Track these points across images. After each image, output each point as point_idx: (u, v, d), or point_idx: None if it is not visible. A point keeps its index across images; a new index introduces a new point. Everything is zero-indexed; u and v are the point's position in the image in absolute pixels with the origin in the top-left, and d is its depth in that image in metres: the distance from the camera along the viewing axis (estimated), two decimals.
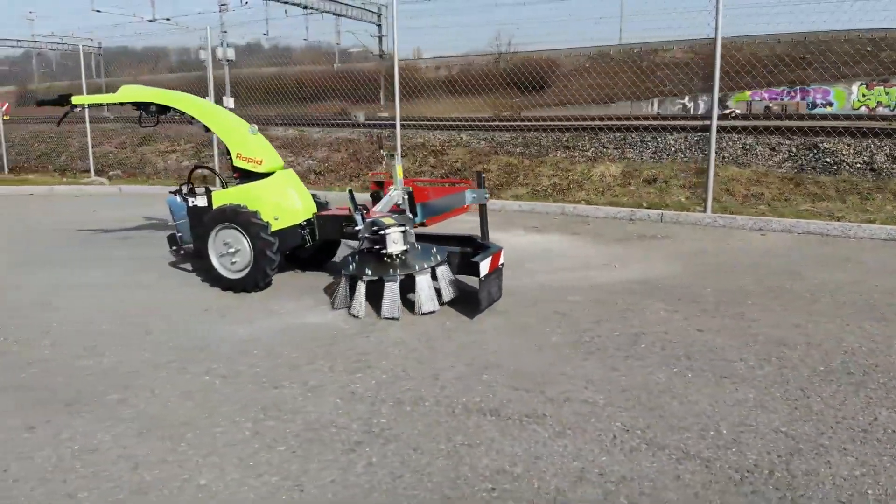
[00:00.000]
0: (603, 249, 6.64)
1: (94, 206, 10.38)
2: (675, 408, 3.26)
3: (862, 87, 34.04)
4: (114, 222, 8.76)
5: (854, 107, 33.25)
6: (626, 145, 13.50)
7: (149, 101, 5.89)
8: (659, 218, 8.05)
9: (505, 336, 4.26)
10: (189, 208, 5.67)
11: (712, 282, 5.42)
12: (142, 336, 4.43)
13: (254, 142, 5.56)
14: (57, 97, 6.27)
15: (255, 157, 5.50)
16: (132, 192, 11.75)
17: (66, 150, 18.64)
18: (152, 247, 7.17)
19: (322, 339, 4.28)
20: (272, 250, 5.17)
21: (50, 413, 3.37)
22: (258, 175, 5.51)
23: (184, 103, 5.82)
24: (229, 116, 5.74)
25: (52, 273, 6.17)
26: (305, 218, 5.47)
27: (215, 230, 5.34)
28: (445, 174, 13.53)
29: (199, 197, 5.58)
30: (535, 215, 8.84)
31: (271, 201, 5.38)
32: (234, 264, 5.31)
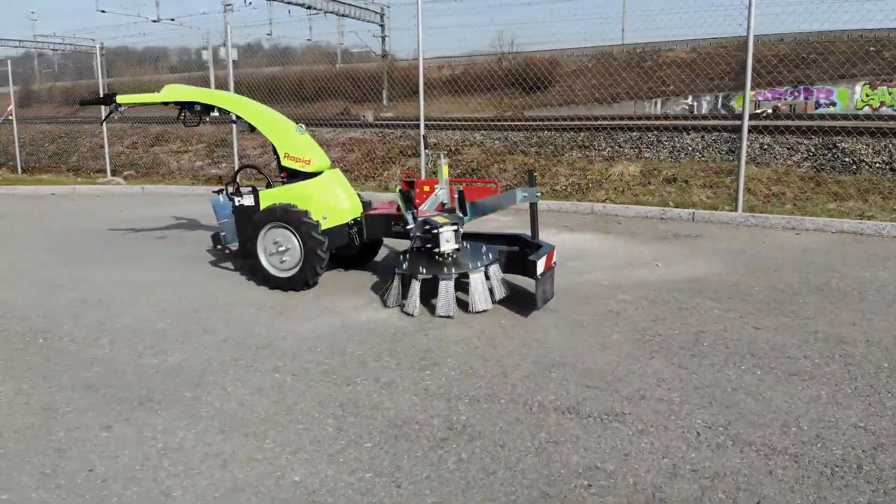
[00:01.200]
0: (642, 248, 6.66)
1: (119, 206, 10.38)
2: (751, 405, 3.29)
3: (865, 87, 34.10)
4: (143, 221, 8.76)
5: (857, 106, 33.31)
6: (643, 145, 13.53)
7: (193, 101, 5.90)
8: (690, 217, 8.08)
9: (565, 334, 4.28)
10: (235, 208, 5.68)
11: (758, 280, 5.45)
12: (200, 334, 4.44)
13: (301, 141, 5.57)
14: (102, 96, 6.27)
15: (304, 156, 5.51)
16: (155, 191, 11.75)
17: (77, 150, 18.63)
18: (189, 245, 7.18)
19: (383, 336, 4.30)
20: (322, 249, 5.19)
21: (126, 411, 3.38)
22: (306, 175, 5.52)
23: (230, 102, 5.83)
24: (277, 116, 5.75)
25: (93, 271, 6.17)
26: (353, 217, 5.49)
27: (265, 229, 5.36)
28: (462, 174, 13.56)
29: (246, 196, 5.59)
30: (564, 215, 8.87)
31: (320, 200, 5.39)
32: (284, 263, 5.32)
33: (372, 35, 40.89)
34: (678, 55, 38.81)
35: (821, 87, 33.38)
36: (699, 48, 38.16)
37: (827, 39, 33.11)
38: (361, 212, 5.56)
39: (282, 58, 38.35)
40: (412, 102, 26.93)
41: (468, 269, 4.65)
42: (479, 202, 5.15)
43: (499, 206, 5.26)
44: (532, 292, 4.80)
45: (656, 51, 40.01)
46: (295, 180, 5.55)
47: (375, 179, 14.07)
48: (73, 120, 25.58)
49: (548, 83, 35.47)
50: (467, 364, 3.83)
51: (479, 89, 29.12)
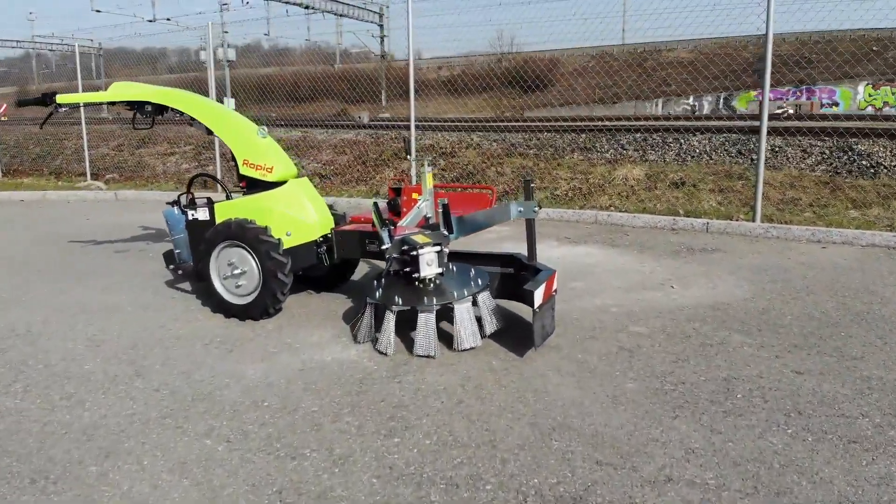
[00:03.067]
0: (653, 265, 5.87)
1: (88, 213, 9.60)
2: (807, 490, 2.50)
3: (868, 87, 33.35)
4: (108, 231, 7.98)
5: (860, 107, 32.54)
6: (648, 147, 12.73)
7: (143, 101, 5.12)
8: (704, 227, 7.28)
9: (568, 382, 3.49)
10: (188, 222, 4.90)
11: (790, 306, 4.66)
12: (132, 379, 3.65)
13: (263, 146, 4.79)
14: (40, 96, 5.48)
15: (265, 163, 4.73)
16: (128, 197, 10.95)
17: (61, 152, 17.85)
18: (149, 261, 6.39)
19: (347, 384, 3.51)
20: (284, 272, 4.40)
21: (10, 493, 2.60)
22: (268, 184, 4.74)
23: (183, 102, 5.05)
24: (235, 117, 4.97)
25: (36, 289, 5.39)
26: (322, 234, 4.71)
27: (218, 248, 4.57)
28: (457, 177, 12.77)
29: (200, 209, 4.81)
30: (565, 224, 8.07)
31: (283, 215, 4.61)
32: (240, 288, 4.54)
33: (371, 35, 40.09)
34: (679, 55, 38.06)
35: (823, 87, 32.61)
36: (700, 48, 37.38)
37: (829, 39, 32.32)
38: (332, 227, 4.77)
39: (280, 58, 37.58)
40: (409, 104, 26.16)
41: (453, 299, 3.86)
42: (467, 218, 4.36)
43: (491, 221, 4.47)
44: (529, 321, 4.02)
45: (657, 50, 39.25)
46: (255, 191, 4.77)
47: (367, 183, 13.29)
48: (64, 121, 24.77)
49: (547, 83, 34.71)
50: (447, 426, 3.04)
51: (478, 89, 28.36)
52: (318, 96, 22.97)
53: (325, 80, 25.70)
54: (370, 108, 30.86)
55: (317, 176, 13.98)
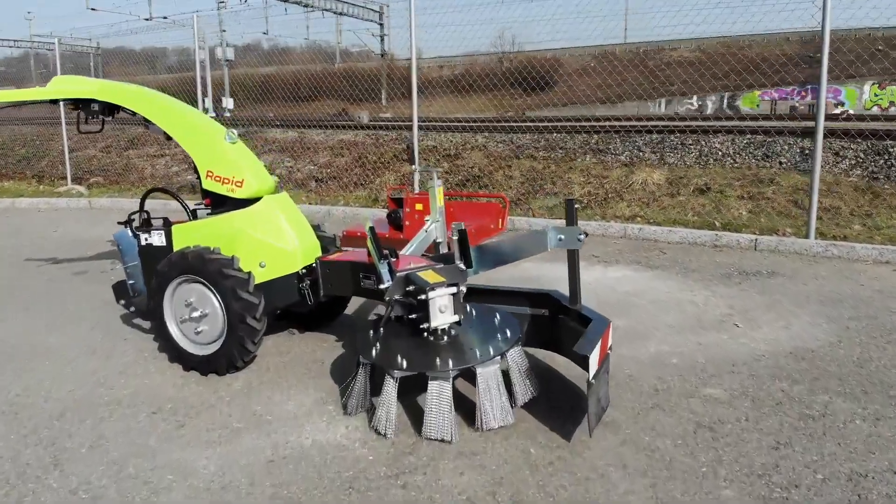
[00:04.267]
0: (704, 294, 4.84)
1: (58, 223, 8.56)
2: None
3: (874, 87, 32.37)
4: (73, 246, 6.95)
5: (866, 106, 31.58)
6: (666, 148, 11.72)
7: (88, 98, 4.10)
8: (752, 244, 6.26)
9: (639, 485, 2.47)
10: (141, 248, 3.88)
11: (890, 354, 3.64)
12: (41, 477, 2.63)
13: (231, 154, 3.77)
14: None
15: (233, 175, 3.71)
16: (104, 205, 9.89)
17: (47, 153, 16.80)
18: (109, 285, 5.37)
19: (332, 488, 2.49)
20: (255, 315, 3.39)
21: None
22: (237, 202, 3.73)
23: (133, 100, 4.03)
24: (196, 118, 3.95)
25: None
26: (305, 264, 3.69)
27: (174, 284, 3.56)
28: (462, 182, 11.74)
29: (154, 232, 3.80)
30: (590, 238, 7.02)
31: (255, 240, 3.59)
32: (201, 334, 3.52)
33: (371, 34, 39.04)
34: (682, 54, 37.07)
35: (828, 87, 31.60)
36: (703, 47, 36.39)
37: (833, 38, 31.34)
38: (318, 256, 3.75)
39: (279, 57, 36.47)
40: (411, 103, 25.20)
41: (475, 361, 2.84)
42: (490, 247, 3.35)
43: (521, 252, 3.44)
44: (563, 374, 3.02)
45: (660, 49, 38.28)
46: (221, 210, 3.76)
47: (366, 187, 12.25)
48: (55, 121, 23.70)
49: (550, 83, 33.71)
50: None
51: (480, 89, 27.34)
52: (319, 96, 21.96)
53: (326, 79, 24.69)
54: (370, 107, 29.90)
55: (312, 179, 12.98)
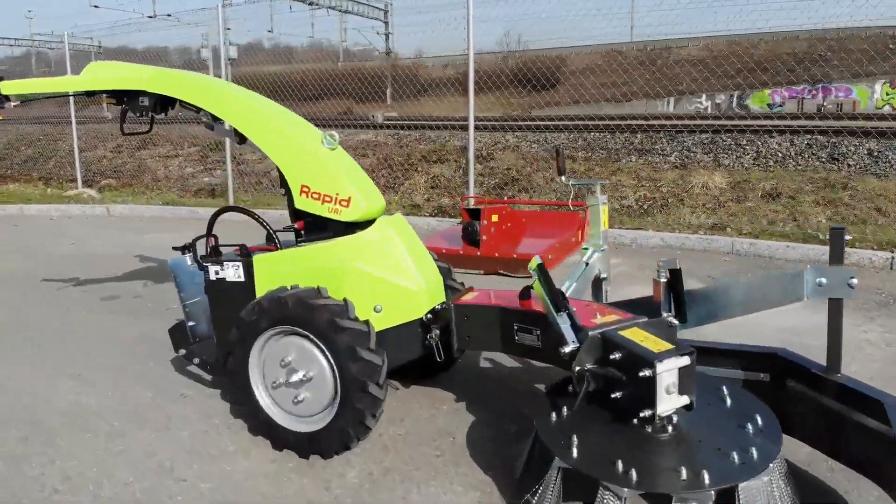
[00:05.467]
0: (879, 332, 3.91)
1: (73, 234, 7.58)
2: None
3: (885, 86, 31.57)
4: (94, 264, 5.98)
5: (878, 106, 30.77)
6: (718, 149, 10.82)
7: (136, 90, 3.14)
8: (888, 263, 5.34)
9: None
10: (209, 283, 2.93)
11: None
12: None
13: (334, 164, 2.83)
14: None
15: (338, 192, 2.77)
16: (123, 213, 8.87)
17: (54, 154, 15.77)
18: (146, 317, 4.42)
19: None
20: (378, 380, 2.46)
21: None
22: (342, 226, 2.79)
23: (196, 92, 3.06)
24: (286, 118, 3.01)
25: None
26: (431, 307, 2.75)
27: (265, 337, 2.62)
28: (499, 185, 10.80)
29: (230, 265, 2.85)
30: (686, 253, 6.11)
31: (369, 277, 2.66)
32: (302, 404, 2.59)
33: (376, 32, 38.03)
34: (690, 52, 36.23)
35: (839, 86, 30.81)
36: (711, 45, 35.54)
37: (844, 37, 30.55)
38: (443, 299, 2.82)
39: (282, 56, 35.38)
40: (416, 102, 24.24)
41: (742, 475, 1.91)
42: (707, 293, 2.42)
43: (759, 302, 2.48)
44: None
45: (668, 48, 37.43)
46: (320, 236, 2.82)
47: (396, 191, 11.29)
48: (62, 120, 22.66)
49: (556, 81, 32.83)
50: None
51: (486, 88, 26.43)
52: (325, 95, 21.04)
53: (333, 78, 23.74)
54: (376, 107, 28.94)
55: None
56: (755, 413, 2.18)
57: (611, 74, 33.57)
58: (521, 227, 5.86)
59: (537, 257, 2.33)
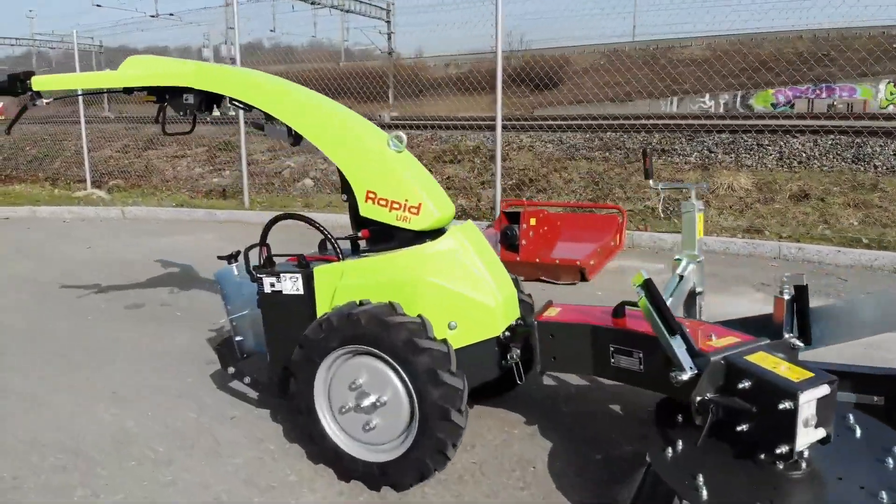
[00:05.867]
0: None
1: (89, 237, 7.32)
2: None
3: (889, 86, 31.37)
4: (114, 270, 5.73)
5: (882, 105, 30.58)
6: (740, 149, 10.60)
7: (181, 87, 2.88)
8: None
9: None
10: (264, 296, 2.67)
11: None
12: None
13: (401, 168, 2.58)
14: (5, 79, 3.18)
15: (407, 198, 2.52)
16: (138, 215, 8.58)
17: (60, 154, 15.50)
18: (178, 327, 4.17)
19: None
20: (460, 406, 2.22)
21: None
22: (411, 235, 2.54)
23: (247, 89, 2.79)
24: (348, 118, 2.75)
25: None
26: (508, 324, 2.51)
27: (332, 358, 2.37)
28: (517, 186, 10.56)
29: (286, 276, 2.60)
30: (730, 258, 5.87)
31: (443, 292, 2.42)
32: (373, 431, 2.34)
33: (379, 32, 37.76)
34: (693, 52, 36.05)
35: (843, 85, 30.64)
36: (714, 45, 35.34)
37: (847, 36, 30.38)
38: (518, 314, 2.58)
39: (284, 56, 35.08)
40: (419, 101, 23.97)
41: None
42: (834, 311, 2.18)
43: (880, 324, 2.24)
44: None
45: (670, 48, 37.25)
46: (387, 246, 2.57)
47: None
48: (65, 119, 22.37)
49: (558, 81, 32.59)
50: None
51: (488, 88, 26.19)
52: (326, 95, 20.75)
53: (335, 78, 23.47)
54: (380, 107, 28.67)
55: None
56: (892, 444, 1.94)
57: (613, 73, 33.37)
58: (557, 231, 5.62)
59: (644, 271, 2.09)
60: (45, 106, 3.10)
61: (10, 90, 3.10)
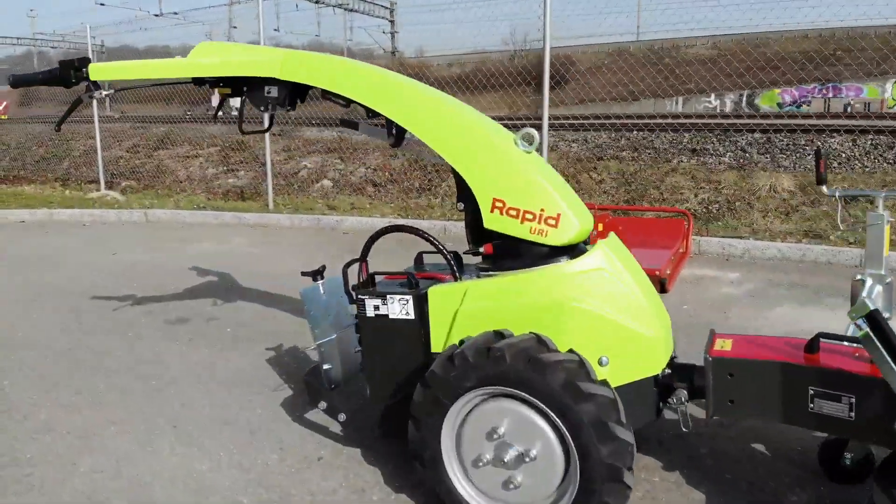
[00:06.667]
0: None
1: (113, 242, 6.88)
2: None
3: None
4: (148, 279, 5.30)
5: (889, 105, 30.29)
6: (775, 149, 10.21)
7: (263, 77, 2.45)
8: None
9: None
10: (365, 320, 2.26)
11: None
12: None
13: (534, 172, 2.16)
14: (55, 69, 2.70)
15: (543, 208, 2.11)
16: (163, 218, 8.13)
17: (68, 154, 15.03)
18: (235, 348, 3.75)
19: None
20: (630, 462, 1.81)
21: None
22: (546, 251, 2.13)
23: (347, 80, 2.35)
24: (468, 115, 2.33)
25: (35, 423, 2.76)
26: (668, 359, 2.11)
27: (466, 399, 1.96)
28: None
29: (394, 298, 2.19)
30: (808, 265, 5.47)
31: (594, 319, 2.01)
32: (517, 491, 1.93)
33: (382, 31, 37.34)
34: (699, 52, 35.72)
35: (850, 85, 30.33)
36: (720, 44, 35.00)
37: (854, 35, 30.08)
38: (673, 346, 2.18)
39: None
40: None
41: None
42: None
43: None
44: None
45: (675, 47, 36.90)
46: (515, 264, 2.16)
47: (432, 192, 10.63)
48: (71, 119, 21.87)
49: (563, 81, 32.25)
50: None
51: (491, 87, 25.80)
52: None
53: None
54: None
55: (369, 184, 11.36)
56: None
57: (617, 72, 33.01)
58: (623, 238, 5.20)
59: (867, 301, 1.68)
60: (101, 98, 2.66)
61: (62, 80, 2.67)
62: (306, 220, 7.41)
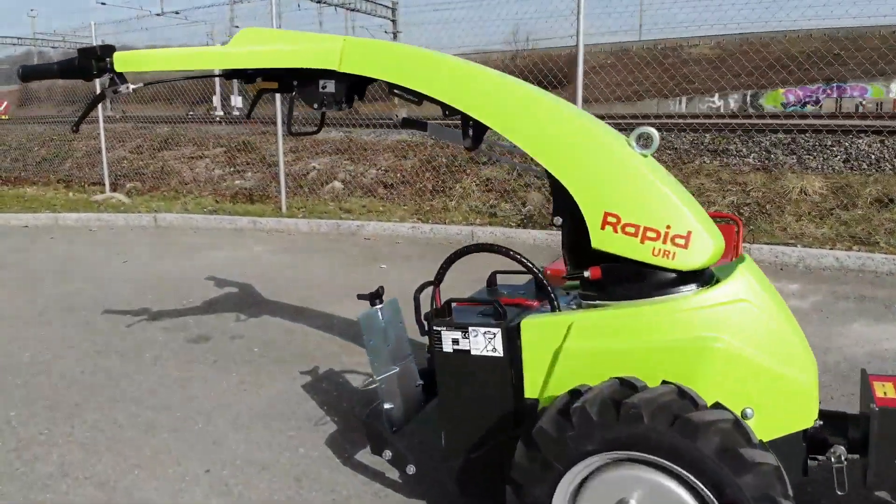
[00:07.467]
0: None
1: (123, 248, 6.48)
2: None
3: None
4: (165, 291, 4.90)
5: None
6: (802, 150, 9.84)
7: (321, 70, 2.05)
8: None
9: None
10: (442, 356, 1.88)
11: None
12: None
13: (653, 182, 1.77)
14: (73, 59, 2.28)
15: (669, 225, 1.72)
16: (172, 223, 7.70)
17: (70, 154, 14.60)
18: (267, 373, 3.35)
19: None
20: None
21: None
22: (672, 277, 1.74)
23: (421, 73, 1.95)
24: (573, 113, 1.95)
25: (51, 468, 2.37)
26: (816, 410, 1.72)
27: (586, 463, 1.57)
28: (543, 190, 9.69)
29: (478, 330, 1.81)
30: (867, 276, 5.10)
31: (741, 363, 1.62)
32: None
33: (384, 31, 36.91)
34: (702, 51, 35.40)
35: (854, 85, 30.04)
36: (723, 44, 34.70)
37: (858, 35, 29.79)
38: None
39: None
40: None
41: None
42: None
43: None
44: None
45: (679, 46, 36.58)
46: (630, 291, 1.77)
47: (447, 194, 10.25)
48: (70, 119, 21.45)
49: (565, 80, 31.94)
50: None
51: None
52: None
53: None
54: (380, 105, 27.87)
55: (380, 185, 10.98)
56: None
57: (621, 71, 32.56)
58: None
59: None
60: (129, 93, 2.26)
61: (81, 70, 2.27)
62: (325, 225, 7.02)
